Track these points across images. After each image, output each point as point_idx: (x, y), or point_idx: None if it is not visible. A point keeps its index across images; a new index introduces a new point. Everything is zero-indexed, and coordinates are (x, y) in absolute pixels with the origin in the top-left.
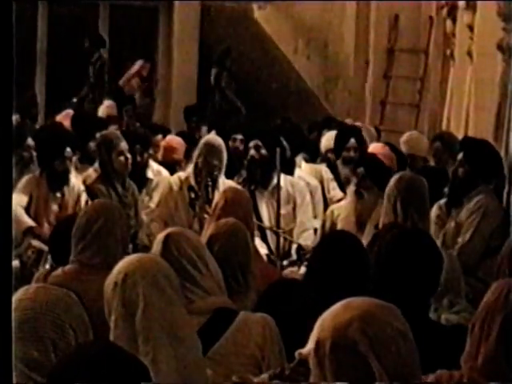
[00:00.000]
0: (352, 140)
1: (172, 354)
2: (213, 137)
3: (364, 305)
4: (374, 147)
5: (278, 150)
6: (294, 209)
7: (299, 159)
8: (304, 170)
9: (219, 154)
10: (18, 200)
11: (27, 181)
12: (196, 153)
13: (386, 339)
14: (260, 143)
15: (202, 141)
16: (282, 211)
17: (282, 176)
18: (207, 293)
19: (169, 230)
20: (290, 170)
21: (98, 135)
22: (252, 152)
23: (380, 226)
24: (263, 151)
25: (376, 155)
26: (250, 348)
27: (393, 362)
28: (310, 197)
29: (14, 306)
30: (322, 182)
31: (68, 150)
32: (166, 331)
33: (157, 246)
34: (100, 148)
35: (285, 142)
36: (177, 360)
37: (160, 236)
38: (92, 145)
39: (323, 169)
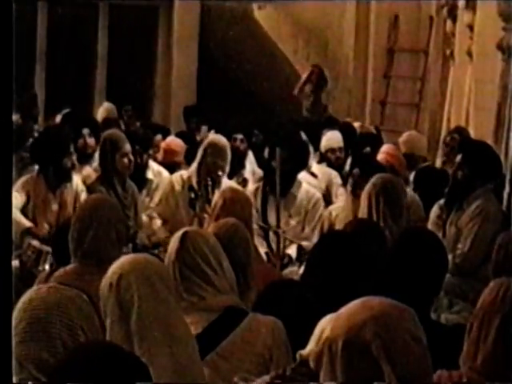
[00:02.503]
0: (367, 148)
1: (168, 354)
2: (217, 137)
3: (380, 306)
4: (385, 149)
5: (278, 149)
6: (305, 219)
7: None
8: (314, 171)
9: (224, 153)
10: (14, 202)
11: (24, 182)
12: (200, 152)
13: (399, 342)
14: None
15: (207, 140)
16: (293, 221)
17: (300, 185)
18: (219, 291)
19: (186, 228)
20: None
21: (85, 131)
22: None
23: None
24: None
25: (372, 156)
26: (258, 347)
27: (404, 366)
28: (322, 210)
29: (24, 305)
30: (329, 186)
31: (72, 146)
32: (161, 331)
33: (173, 243)
34: (104, 148)
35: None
36: (173, 360)
37: (177, 234)
38: (81, 142)
39: (333, 173)
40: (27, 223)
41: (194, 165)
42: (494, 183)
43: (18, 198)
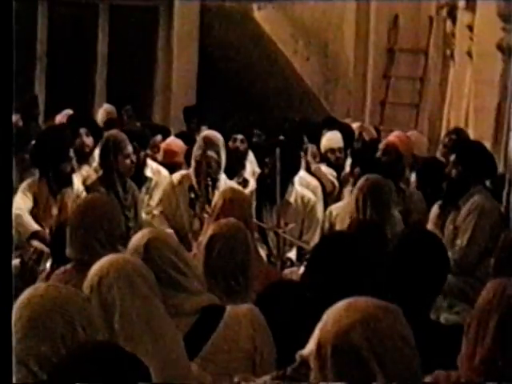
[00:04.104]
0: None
1: (153, 353)
2: (210, 131)
3: (367, 307)
4: (396, 133)
5: (277, 150)
6: (302, 223)
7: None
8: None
9: (217, 146)
10: (23, 203)
11: (29, 184)
12: (195, 148)
13: (388, 345)
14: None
15: (200, 136)
16: (289, 227)
17: (293, 190)
18: (192, 293)
19: (146, 235)
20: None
21: (82, 130)
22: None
23: (346, 224)
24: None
25: (372, 155)
26: (241, 342)
27: (394, 368)
28: (320, 213)
29: (23, 304)
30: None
31: (71, 150)
32: (145, 330)
33: (135, 254)
34: (106, 149)
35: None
36: (158, 358)
37: (138, 243)
38: (78, 141)
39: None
40: (36, 226)
41: (192, 163)
42: (489, 181)
43: (26, 201)
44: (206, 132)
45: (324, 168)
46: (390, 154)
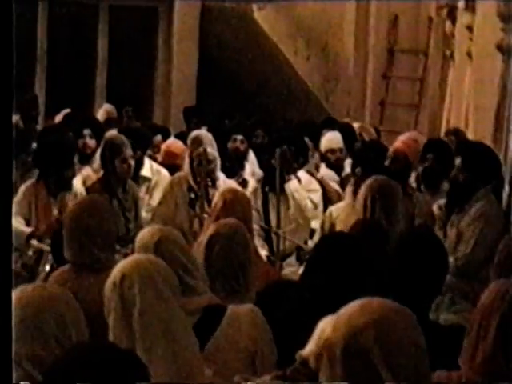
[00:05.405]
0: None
1: (169, 353)
2: (199, 131)
3: (381, 309)
4: (402, 137)
5: (278, 150)
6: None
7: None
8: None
9: (207, 141)
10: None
11: (23, 192)
12: (190, 148)
13: (399, 349)
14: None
15: (192, 136)
16: (289, 227)
17: (298, 184)
18: (197, 293)
19: (156, 234)
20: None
21: (86, 132)
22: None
23: (346, 225)
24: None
25: (373, 156)
26: (242, 342)
27: (403, 372)
28: (321, 208)
29: (13, 305)
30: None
31: (75, 156)
32: (162, 330)
33: (146, 250)
34: (104, 152)
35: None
36: (174, 358)
37: (148, 242)
38: (81, 142)
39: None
40: (28, 229)
41: (188, 163)
42: (493, 183)
43: (18, 218)
44: (196, 132)
45: (324, 170)
46: (399, 161)
